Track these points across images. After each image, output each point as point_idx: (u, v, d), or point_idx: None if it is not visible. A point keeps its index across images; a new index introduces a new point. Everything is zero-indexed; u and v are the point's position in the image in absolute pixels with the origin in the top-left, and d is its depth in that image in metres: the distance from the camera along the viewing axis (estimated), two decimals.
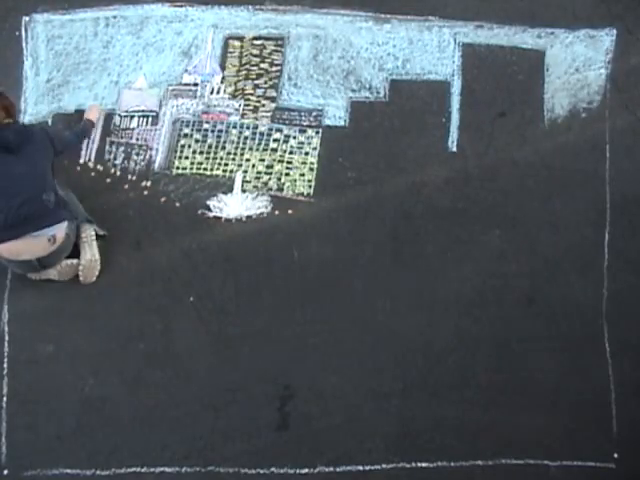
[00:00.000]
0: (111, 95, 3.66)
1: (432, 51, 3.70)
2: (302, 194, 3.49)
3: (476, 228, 3.41)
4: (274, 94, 3.66)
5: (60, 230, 3.11)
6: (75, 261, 3.26)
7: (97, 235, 3.33)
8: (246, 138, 3.60)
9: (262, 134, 3.60)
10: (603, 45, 3.68)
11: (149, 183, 3.51)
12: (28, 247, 3.06)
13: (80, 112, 3.60)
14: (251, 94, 3.67)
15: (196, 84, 3.68)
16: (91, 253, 3.27)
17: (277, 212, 3.45)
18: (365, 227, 3.42)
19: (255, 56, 3.72)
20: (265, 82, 3.68)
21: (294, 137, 3.59)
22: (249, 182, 3.52)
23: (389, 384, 3.16)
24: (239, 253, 3.37)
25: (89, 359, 3.20)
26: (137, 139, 3.60)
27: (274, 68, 3.69)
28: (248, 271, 3.34)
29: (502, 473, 3.05)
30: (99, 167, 3.54)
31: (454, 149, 3.54)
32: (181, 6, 3.79)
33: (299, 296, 3.30)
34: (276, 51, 3.72)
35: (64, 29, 3.75)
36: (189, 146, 3.59)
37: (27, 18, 3.75)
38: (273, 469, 3.04)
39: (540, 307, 3.28)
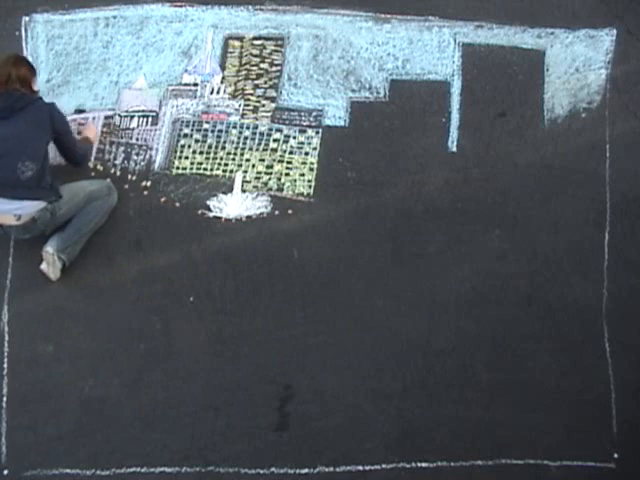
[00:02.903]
0: (111, 95, 3.66)
1: (432, 51, 3.70)
2: (302, 194, 3.49)
3: (476, 228, 3.41)
4: (274, 94, 3.66)
5: (28, 210, 3.07)
6: None
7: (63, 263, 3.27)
8: (246, 138, 3.60)
9: (262, 134, 3.60)
10: (603, 45, 3.68)
11: (149, 183, 3.51)
12: None
13: (80, 111, 3.61)
14: (251, 94, 3.67)
15: (196, 84, 3.68)
16: (51, 271, 3.25)
17: (277, 212, 3.45)
18: (365, 227, 3.42)
19: (255, 56, 3.72)
20: (265, 82, 3.68)
21: (294, 137, 3.59)
22: (249, 182, 3.52)
23: (389, 384, 3.16)
24: (239, 253, 3.37)
25: (89, 359, 3.20)
26: (137, 139, 3.60)
27: (274, 68, 3.69)
28: (248, 271, 3.34)
29: (502, 473, 3.05)
30: (99, 167, 3.54)
31: (454, 149, 3.54)
32: (181, 6, 3.79)
33: (299, 296, 3.30)
34: (276, 51, 3.72)
35: (64, 29, 3.75)
36: (189, 146, 3.59)
37: (27, 18, 3.75)
38: (273, 469, 3.04)
39: (540, 307, 3.28)
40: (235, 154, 3.57)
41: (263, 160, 3.56)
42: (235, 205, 3.46)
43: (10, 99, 3.06)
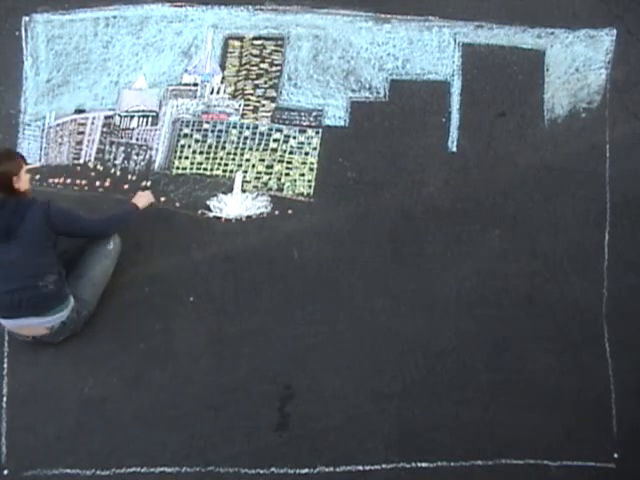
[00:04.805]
0: (111, 95, 3.66)
1: (432, 51, 3.70)
2: (302, 194, 3.49)
3: (476, 228, 3.41)
4: (274, 94, 3.66)
5: (59, 320, 3.03)
6: None
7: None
8: (246, 138, 3.60)
9: (262, 134, 3.60)
10: (603, 45, 3.68)
11: (149, 183, 3.51)
12: (26, 329, 3.04)
13: (80, 111, 3.61)
14: (251, 94, 3.67)
15: (196, 84, 3.68)
16: None
17: (277, 212, 3.45)
18: (365, 227, 3.41)
19: (255, 56, 3.72)
20: (265, 82, 3.68)
21: (294, 137, 3.59)
22: (249, 182, 3.52)
23: (389, 384, 3.15)
24: (239, 253, 3.37)
25: (89, 359, 3.20)
26: (137, 139, 3.60)
27: (274, 68, 3.69)
28: (248, 271, 3.34)
29: (502, 473, 3.05)
30: (99, 167, 3.54)
31: (454, 149, 3.54)
32: (181, 6, 3.79)
33: (299, 296, 3.30)
34: (276, 51, 3.72)
35: (64, 29, 3.75)
36: (189, 146, 3.59)
37: (27, 18, 3.75)
38: (273, 469, 3.04)
39: (540, 307, 3.27)
40: (235, 154, 3.57)
41: (263, 160, 3.56)
42: (235, 205, 3.46)
43: (12, 214, 2.89)
